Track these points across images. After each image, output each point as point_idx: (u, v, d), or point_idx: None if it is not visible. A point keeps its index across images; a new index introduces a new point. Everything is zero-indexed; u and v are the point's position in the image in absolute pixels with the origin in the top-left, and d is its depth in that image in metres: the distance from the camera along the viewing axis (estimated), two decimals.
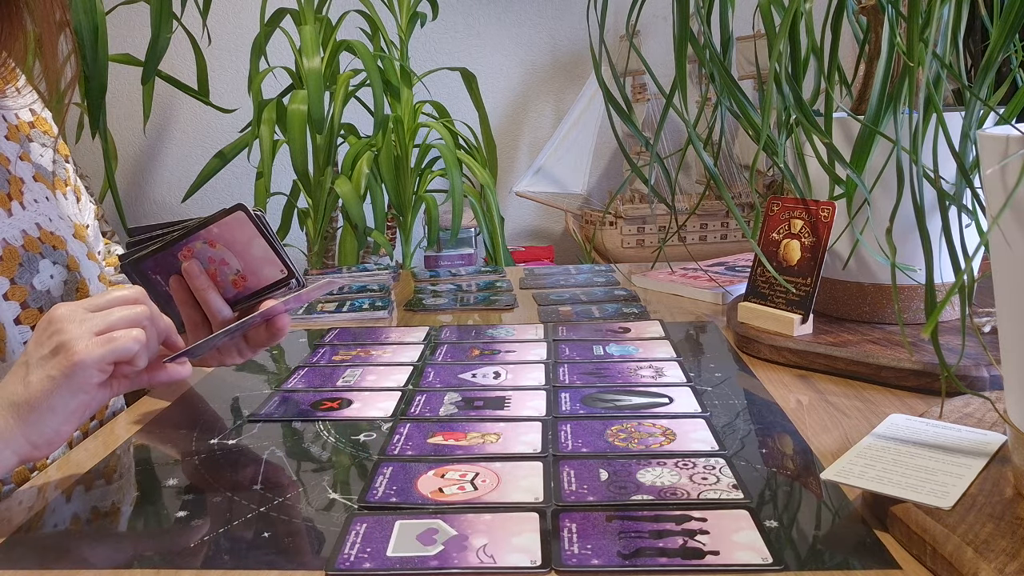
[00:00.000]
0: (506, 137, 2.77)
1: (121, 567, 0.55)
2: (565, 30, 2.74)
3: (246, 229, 0.77)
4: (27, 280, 0.72)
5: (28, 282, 0.72)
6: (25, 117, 0.82)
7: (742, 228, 0.91)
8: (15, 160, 0.76)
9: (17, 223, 0.73)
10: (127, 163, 2.72)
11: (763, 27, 0.85)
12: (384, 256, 2.24)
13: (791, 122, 0.87)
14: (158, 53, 1.94)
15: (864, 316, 0.95)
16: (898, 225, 0.77)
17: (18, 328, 0.71)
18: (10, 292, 0.71)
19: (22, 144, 0.79)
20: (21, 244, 0.73)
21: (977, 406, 0.71)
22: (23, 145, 0.79)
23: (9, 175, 0.75)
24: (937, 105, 0.72)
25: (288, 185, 2.32)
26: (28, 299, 0.72)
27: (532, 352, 0.97)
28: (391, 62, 2.15)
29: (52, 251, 0.76)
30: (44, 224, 0.76)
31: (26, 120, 0.82)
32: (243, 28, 2.62)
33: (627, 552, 0.54)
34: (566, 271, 1.42)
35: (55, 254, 0.76)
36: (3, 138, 0.76)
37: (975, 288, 0.84)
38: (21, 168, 0.76)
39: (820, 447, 0.70)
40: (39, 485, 0.67)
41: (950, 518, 0.53)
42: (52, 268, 0.75)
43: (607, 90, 0.99)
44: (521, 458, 0.68)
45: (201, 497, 0.64)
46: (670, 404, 0.79)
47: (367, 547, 0.55)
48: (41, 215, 0.76)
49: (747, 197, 2.55)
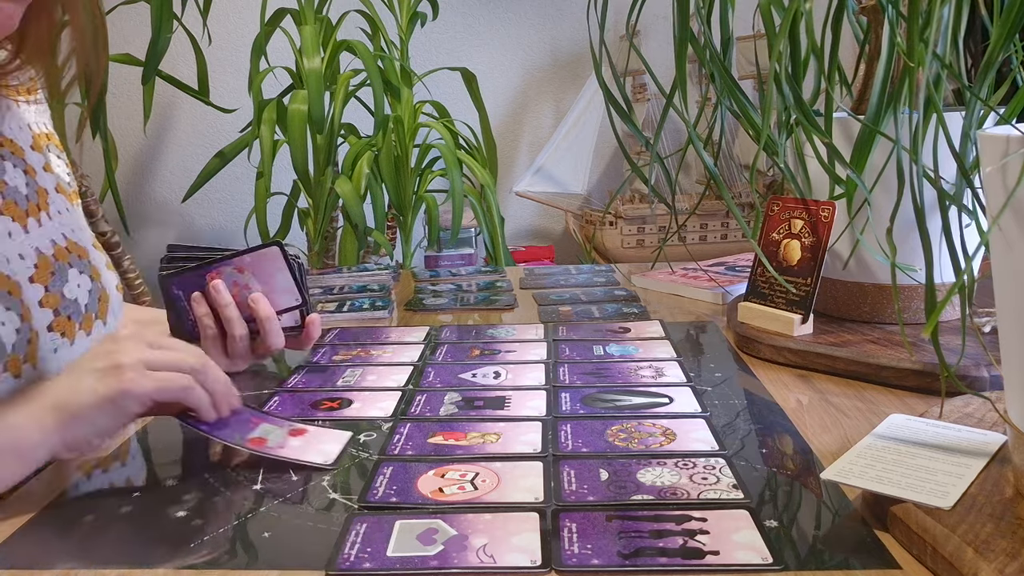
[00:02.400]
0: (506, 137, 2.77)
1: (121, 567, 0.55)
2: (565, 30, 2.74)
3: (276, 262, 0.86)
4: (58, 288, 0.74)
5: (59, 290, 0.74)
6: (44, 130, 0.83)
7: (742, 228, 0.91)
8: (40, 171, 0.77)
9: (46, 233, 0.75)
10: (127, 163, 2.72)
11: (763, 27, 0.85)
12: (384, 256, 2.24)
13: (791, 122, 0.87)
14: (158, 53, 1.94)
15: (864, 316, 0.95)
16: (898, 225, 0.77)
17: (50, 335, 0.72)
18: (44, 299, 0.72)
19: (45, 154, 0.80)
20: (52, 254, 0.74)
21: (977, 406, 0.70)
22: (46, 156, 0.80)
23: (37, 186, 0.76)
24: (937, 105, 0.72)
25: (288, 185, 2.32)
26: (60, 307, 0.73)
27: (532, 352, 0.97)
28: (391, 62, 2.15)
29: (78, 260, 0.77)
30: (68, 235, 0.78)
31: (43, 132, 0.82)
32: (243, 28, 2.62)
33: (627, 552, 0.54)
34: (566, 271, 1.42)
35: (80, 263, 0.77)
36: (29, 148, 0.78)
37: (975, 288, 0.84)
38: (45, 179, 0.78)
39: (820, 447, 0.70)
40: (39, 484, 0.67)
41: (950, 518, 0.53)
42: (79, 277, 0.77)
43: (607, 90, 0.99)
44: (521, 458, 0.68)
45: (201, 497, 0.64)
46: (670, 404, 0.79)
47: (367, 547, 0.55)
48: (65, 226, 0.78)
49: (747, 197, 2.55)
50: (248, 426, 0.73)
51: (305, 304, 0.89)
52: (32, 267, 0.72)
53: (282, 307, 0.88)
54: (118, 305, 0.84)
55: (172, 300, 0.86)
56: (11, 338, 0.68)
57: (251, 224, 2.20)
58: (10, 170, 0.73)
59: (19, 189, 0.73)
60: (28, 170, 0.76)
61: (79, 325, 0.75)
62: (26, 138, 0.78)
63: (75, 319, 0.75)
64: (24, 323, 0.70)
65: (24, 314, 0.70)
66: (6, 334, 0.68)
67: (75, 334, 0.75)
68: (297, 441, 0.72)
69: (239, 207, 2.75)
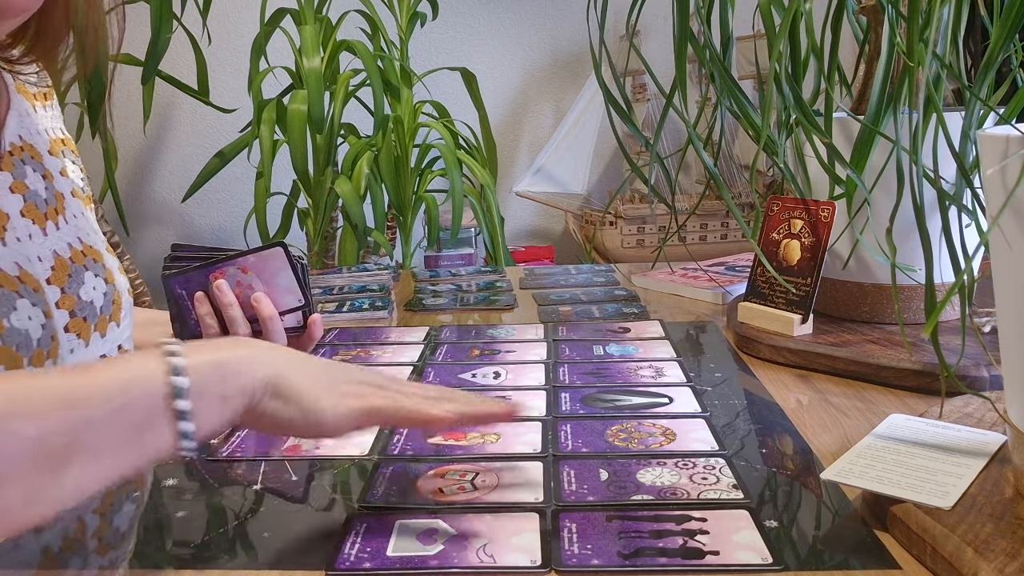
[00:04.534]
0: (506, 137, 2.77)
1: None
2: (565, 30, 2.74)
3: (279, 263, 0.86)
4: (74, 291, 0.74)
5: (75, 292, 0.74)
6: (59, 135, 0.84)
7: (742, 228, 0.91)
8: (57, 175, 0.78)
9: (63, 236, 0.76)
10: (127, 163, 2.72)
11: (763, 27, 0.85)
12: (384, 256, 2.24)
13: (791, 122, 0.87)
14: (158, 53, 1.94)
15: (864, 316, 0.95)
16: (898, 225, 0.77)
17: (66, 336, 0.72)
18: (61, 301, 0.72)
19: (61, 160, 0.81)
20: (68, 256, 0.75)
21: (977, 406, 0.70)
22: (62, 161, 0.81)
23: (55, 190, 0.77)
24: (937, 105, 0.72)
25: (288, 185, 2.32)
26: (76, 308, 0.74)
27: (532, 352, 0.97)
28: (391, 62, 2.15)
29: (93, 263, 0.78)
30: (84, 238, 0.79)
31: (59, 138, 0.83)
32: (243, 28, 2.62)
33: (627, 552, 0.54)
34: (566, 271, 1.42)
35: (96, 267, 0.78)
36: (47, 153, 0.79)
37: (975, 288, 0.84)
38: (62, 183, 0.79)
39: (820, 447, 0.70)
40: None
41: (950, 518, 0.53)
42: (95, 280, 0.77)
43: (607, 90, 0.99)
44: (521, 458, 0.68)
45: (201, 497, 0.64)
46: (670, 404, 0.79)
47: (367, 547, 0.55)
48: (80, 230, 0.79)
49: (747, 197, 2.55)
50: (279, 437, 0.74)
51: (308, 305, 0.89)
52: (49, 269, 0.72)
53: (285, 308, 0.88)
54: (129, 307, 0.85)
55: (175, 299, 0.87)
56: (37, 332, 0.68)
57: (251, 224, 2.20)
58: (31, 174, 0.74)
59: (39, 193, 0.74)
60: (46, 174, 0.77)
61: (94, 327, 0.76)
62: (43, 143, 0.79)
63: (90, 321, 0.75)
64: (48, 320, 0.70)
65: (47, 311, 0.70)
66: (33, 328, 0.68)
67: (90, 336, 0.75)
68: (330, 440, 0.73)
69: (239, 207, 2.75)
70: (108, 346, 0.78)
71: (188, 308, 0.87)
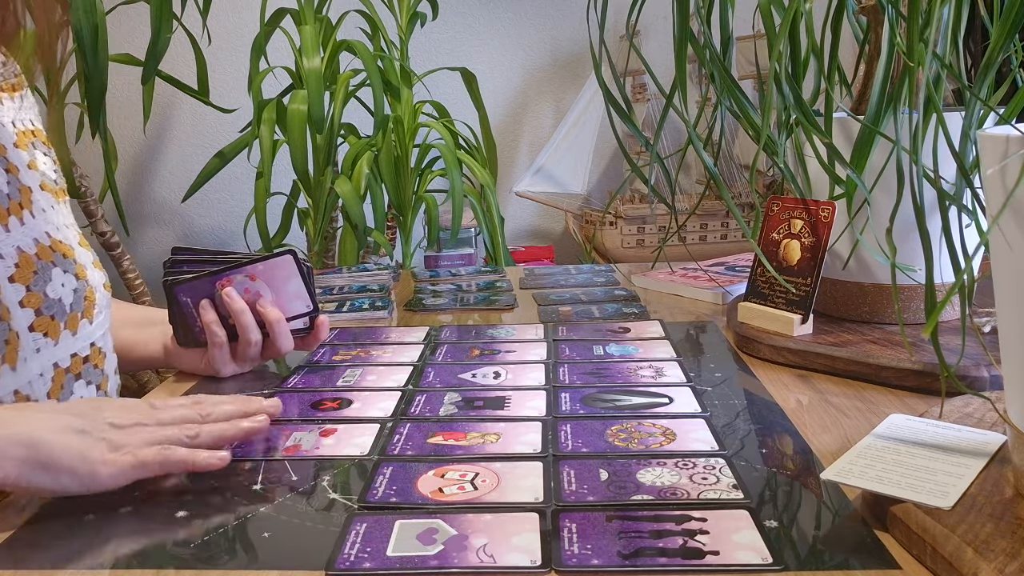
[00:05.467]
0: (506, 137, 2.77)
1: (121, 567, 0.55)
2: (565, 30, 2.74)
3: (289, 270, 0.87)
4: (41, 288, 0.73)
5: (42, 290, 0.73)
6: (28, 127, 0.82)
7: (742, 228, 0.91)
8: (23, 169, 0.77)
9: (29, 232, 0.74)
10: (127, 163, 2.72)
11: (763, 27, 0.85)
12: (384, 256, 2.24)
13: (791, 122, 0.87)
14: (158, 53, 1.94)
15: (864, 316, 0.95)
16: (898, 225, 0.77)
17: (32, 335, 0.72)
18: (25, 299, 0.71)
19: (30, 152, 0.79)
20: (34, 253, 0.74)
21: (977, 406, 0.70)
22: (31, 153, 0.79)
23: (20, 184, 0.75)
24: (937, 105, 0.72)
25: (288, 185, 2.32)
26: (42, 307, 0.73)
27: (532, 352, 0.97)
28: (391, 62, 2.15)
29: (63, 259, 0.77)
30: (52, 233, 0.77)
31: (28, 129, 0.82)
32: (243, 28, 2.62)
33: (627, 552, 0.54)
34: (566, 271, 1.42)
35: (65, 262, 0.77)
36: (13, 146, 0.77)
37: (975, 288, 0.84)
38: (29, 177, 0.77)
39: (820, 447, 0.70)
40: None
41: (950, 518, 0.53)
42: (63, 276, 0.76)
43: (607, 90, 0.99)
44: (521, 458, 0.68)
45: (201, 497, 0.64)
46: (670, 404, 0.79)
47: (367, 547, 0.55)
48: (49, 224, 0.77)
49: (747, 197, 2.55)
50: (280, 438, 0.74)
51: (316, 309, 0.90)
52: (12, 267, 0.71)
53: (293, 313, 0.89)
54: (106, 303, 0.84)
55: (179, 307, 0.86)
56: None
57: (251, 224, 2.20)
58: None
59: (0, 188, 0.73)
60: (10, 168, 0.75)
61: (64, 324, 0.75)
62: (8, 136, 0.77)
63: (59, 319, 0.74)
64: (2, 323, 0.69)
65: (2, 314, 0.69)
66: None
67: (59, 334, 0.74)
68: (330, 440, 0.73)
69: (239, 207, 2.75)
70: (80, 343, 0.78)
71: (193, 316, 0.86)
